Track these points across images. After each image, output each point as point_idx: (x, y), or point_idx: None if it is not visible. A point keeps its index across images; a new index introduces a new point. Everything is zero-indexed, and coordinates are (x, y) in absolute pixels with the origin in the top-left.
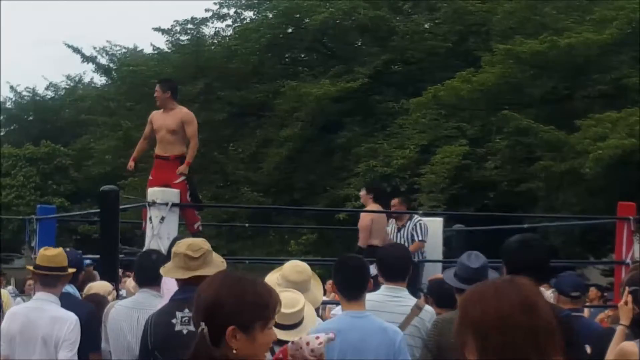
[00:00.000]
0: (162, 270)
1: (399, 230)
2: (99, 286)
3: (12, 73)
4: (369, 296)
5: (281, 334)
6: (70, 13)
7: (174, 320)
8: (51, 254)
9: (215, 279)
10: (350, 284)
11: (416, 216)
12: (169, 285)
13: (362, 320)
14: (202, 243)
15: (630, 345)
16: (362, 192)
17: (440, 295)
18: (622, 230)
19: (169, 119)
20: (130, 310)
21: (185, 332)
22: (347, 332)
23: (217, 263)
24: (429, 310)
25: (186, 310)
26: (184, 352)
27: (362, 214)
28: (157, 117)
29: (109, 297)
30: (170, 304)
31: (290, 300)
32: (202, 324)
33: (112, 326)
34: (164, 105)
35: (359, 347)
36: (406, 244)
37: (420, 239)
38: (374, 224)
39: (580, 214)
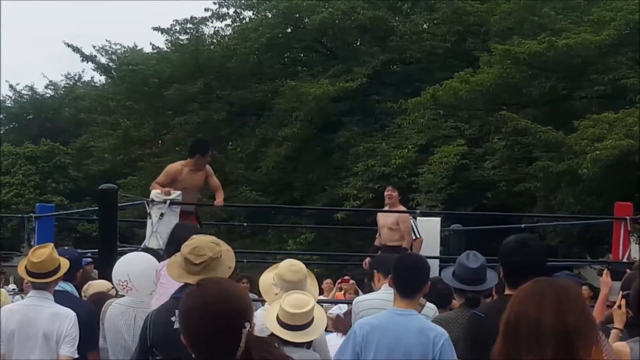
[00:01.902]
0: (168, 264)
1: None
2: (100, 285)
3: (11, 72)
4: (371, 295)
5: (290, 335)
6: (70, 12)
7: (173, 318)
8: (37, 260)
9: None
10: (406, 282)
11: (414, 215)
12: (164, 280)
13: (404, 318)
14: (208, 247)
15: (621, 346)
16: (394, 193)
17: (434, 295)
18: (619, 230)
19: (197, 178)
20: (127, 308)
21: None
22: (387, 328)
23: (221, 270)
24: (430, 307)
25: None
26: (184, 350)
27: (402, 216)
28: (186, 176)
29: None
30: (170, 301)
31: (299, 302)
32: (247, 324)
33: (109, 324)
34: (202, 168)
35: (395, 345)
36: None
37: (418, 236)
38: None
39: (578, 214)
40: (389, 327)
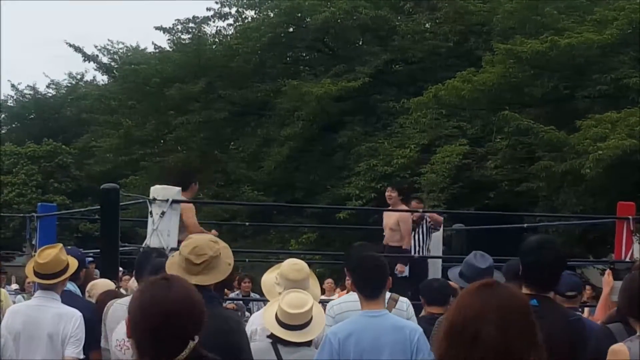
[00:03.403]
0: (167, 265)
1: (413, 229)
2: (103, 284)
3: (13, 71)
4: (346, 297)
5: (289, 335)
6: (72, 12)
7: None
8: (43, 261)
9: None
10: (368, 283)
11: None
12: None
13: (376, 319)
14: (208, 247)
15: (619, 346)
16: (393, 194)
17: (431, 294)
18: (622, 230)
19: None
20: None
21: None
22: (362, 332)
23: (222, 269)
24: (404, 301)
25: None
26: None
27: (402, 216)
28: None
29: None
30: None
31: (298, 301)
32: (196, 337)
33: (110, 324)
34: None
35: (374, 347)
36: (425, 240)
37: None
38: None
39: (580, 214)
40: (364, 330)
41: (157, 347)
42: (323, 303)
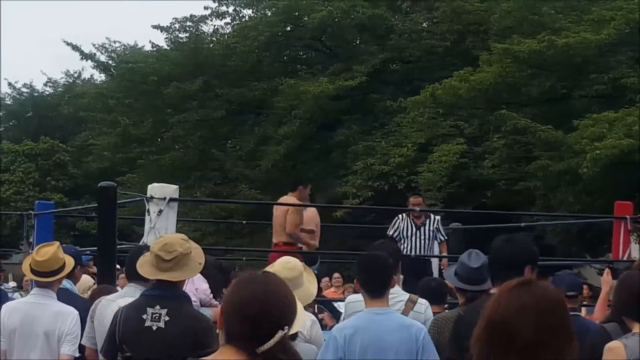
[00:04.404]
0: (137, 264)
1: (417, 228)
2: (84, 281)
3: (11, 70)
4: (359, 296)
5: None
6: (70, 11)
7: (144, 316)
8: (41, 259)
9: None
10: (373, 282)
11: (433, 215)
12: (198, 284)
13: (382, 317)
14: (178, 244)
15: (615, 343)
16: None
17: (428, 293)
18: (619, 229)
19: None
20: (115, 304)
21: (154, 328)
22: (366, 329)
23: (192, 266)
24: (423, 303)
25: (157, 307)
26: (153, 348)
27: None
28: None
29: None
30: (141, 299)
31: None
32: (286, 328)
33: (98, 321)
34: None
35: (379, 344)
36: (427, 242)
37: (445, 238)
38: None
39: (578, 213)
40: (370, 327)
41: (250, 334)
42: (327, 300)
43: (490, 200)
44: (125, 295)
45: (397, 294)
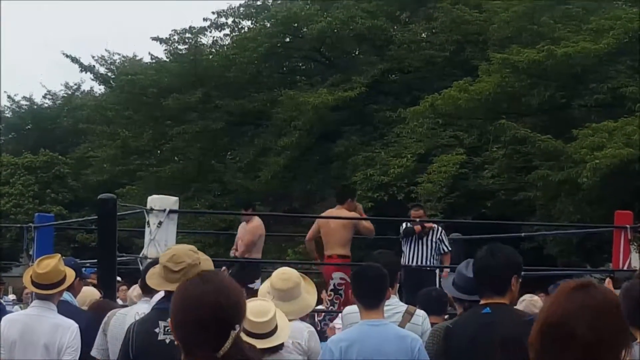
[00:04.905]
0: (147, 276)
1: (420, 238)
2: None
3: (9, 82)
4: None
5: (256, 343)
6: (69, 22)
7: (157, 329)
8: (42, 271)
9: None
10: (368, 293)
11: (437, 226)
12: None
13: (378, 328)
14: (186, 255)
15: None
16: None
17: (429, 303)
18: (619, 238)
19: None
20: (130, 319)
21: (167, 341)
22: (364, 341)
23: None
24: (420, 315)
25: (169, 320)
26: None
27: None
28: None
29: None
30: (153, 312)
31: (260, 308)
32: (237, 327)
33: (112, 334)
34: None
35: (377, 356)
36: (431, 252)
37: (449, 249)
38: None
39: (578, 222)
40: (366, 339)
41: (203, 340)
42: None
43: (490, 210)
44: (140, 309)
45: (395, 306)
